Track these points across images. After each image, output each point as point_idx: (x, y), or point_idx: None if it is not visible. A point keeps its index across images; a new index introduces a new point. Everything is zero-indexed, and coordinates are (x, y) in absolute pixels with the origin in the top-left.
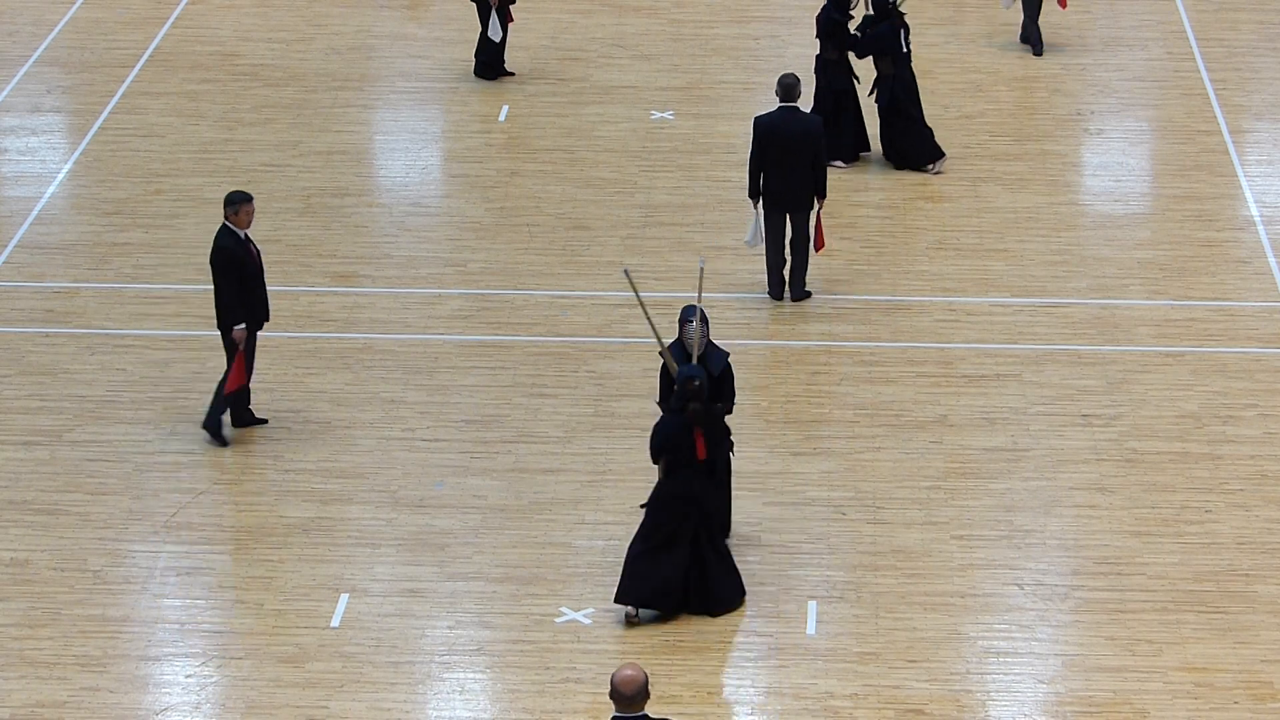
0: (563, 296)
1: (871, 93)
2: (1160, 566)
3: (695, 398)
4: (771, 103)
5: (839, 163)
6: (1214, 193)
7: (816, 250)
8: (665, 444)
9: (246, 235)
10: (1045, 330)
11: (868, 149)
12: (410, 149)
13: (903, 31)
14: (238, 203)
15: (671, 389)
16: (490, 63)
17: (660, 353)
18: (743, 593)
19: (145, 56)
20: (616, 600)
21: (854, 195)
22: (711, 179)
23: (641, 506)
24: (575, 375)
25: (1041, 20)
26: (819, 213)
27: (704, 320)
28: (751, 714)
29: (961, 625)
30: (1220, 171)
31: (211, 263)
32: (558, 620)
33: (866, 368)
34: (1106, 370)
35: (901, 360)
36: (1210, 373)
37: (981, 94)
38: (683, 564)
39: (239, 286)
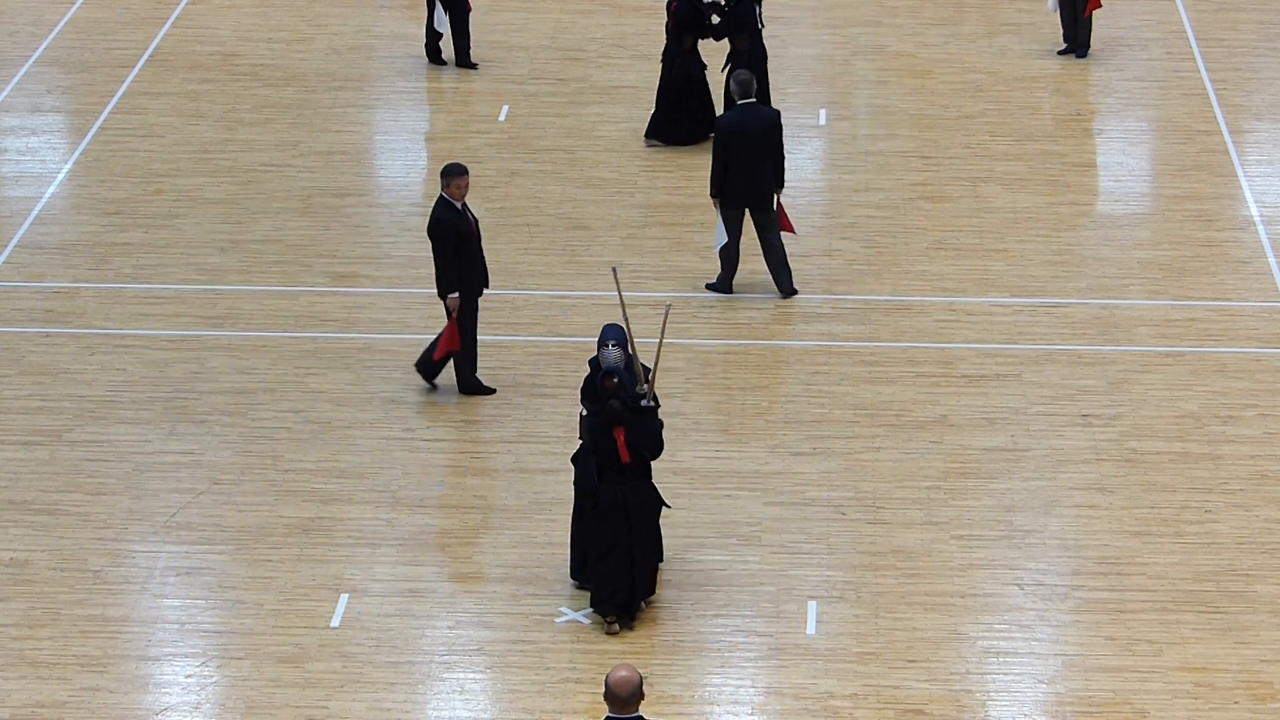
0: (563, 296)
1: (725, 68)
2: (1160, 566)
3: (614, 395)
4: (772, 102)
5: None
6: (1214, 193)
7: (790, 232)
8: (593, 445)
9: (463, 206)
10: (1045, 330)
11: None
12: (410, 149)
13: (758, 7)
14: (450, 175)
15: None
16: (432, 48)
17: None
18: (653, 589)
19: (145, 56)
20: (603, 615)
21: (854, 195)
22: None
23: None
24: (575, 375)
25: (1041, 19)
26: (779, 201)
27: (622, 341)
28: (751, 714)
29: (961, 625)
30: (1220, 171)
31: (429, 233)
32: (558, 620)
33: (866, 368)
34: (1106, 370)
35: (901, 360)
36: (1210, 373)
37: (981, 94)
38: (626, 568)
39: (454, 255)
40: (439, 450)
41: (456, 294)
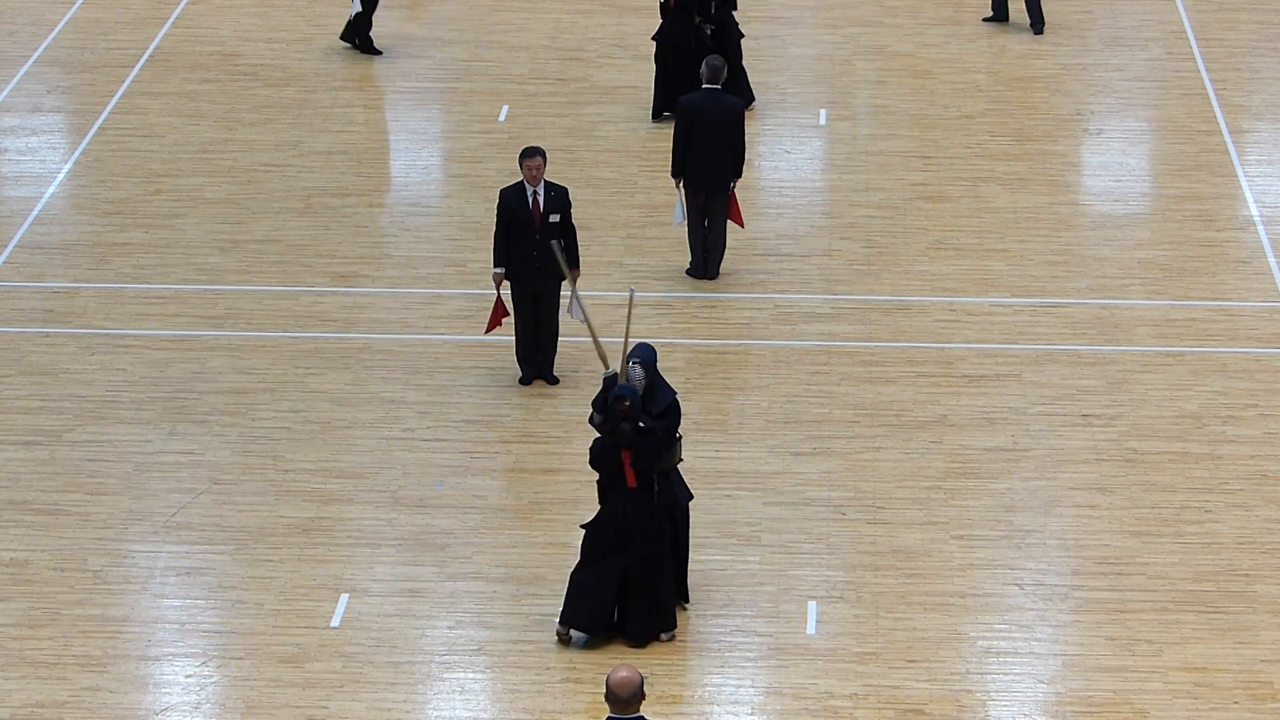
0: (562, 296)
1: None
2: (1160, 566)
3: (624, 418)
4: (769, 102)
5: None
6: (1214, 193)
7: (740, 225)
8: (595, 462)
9: (535, 190)
10: (1045, 330)
11: None
12: (410, 149)
13: None
14: (520, 157)
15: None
16: (357, 33)
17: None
18: (655, 635)
19: (145, 56)
20: (559, 622)
21: (854, 195)
22: None
23: (582, 527)
24: (575, 375)
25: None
26: (732, 191)
27: (647, 360)
28: (751, 714)
29: (961, 625)
30: (1220, 171)
31: None
32: (558, 620)
33: (866, 368)
34: (1106, 370)
35: (901, 360)
36: (1210, 373)
37: (981, 94)
38: (612, 590)
39: (504, 234)
40: (439, 450)
41: (500, 270)
